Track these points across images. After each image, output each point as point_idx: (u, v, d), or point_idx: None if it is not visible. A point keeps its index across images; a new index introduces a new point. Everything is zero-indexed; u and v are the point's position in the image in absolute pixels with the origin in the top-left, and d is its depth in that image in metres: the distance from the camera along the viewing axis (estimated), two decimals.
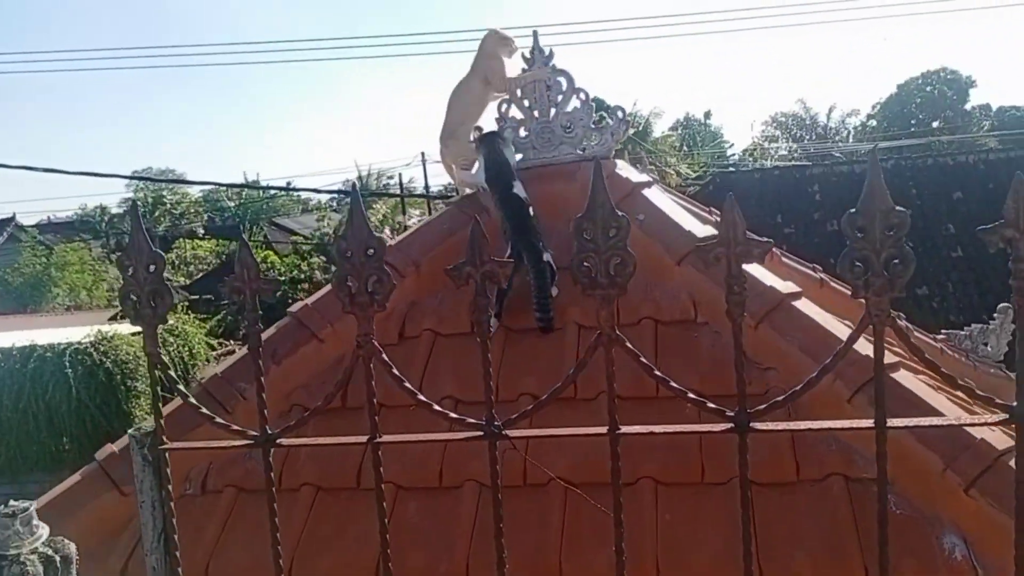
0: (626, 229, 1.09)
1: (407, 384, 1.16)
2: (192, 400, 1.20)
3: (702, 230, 3.11)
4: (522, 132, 3.54)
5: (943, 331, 5.86)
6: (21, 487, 13.15)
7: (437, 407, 1.17)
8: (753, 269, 3.10)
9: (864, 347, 2.54)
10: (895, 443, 1.37)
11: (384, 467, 1.19)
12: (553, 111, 3.49)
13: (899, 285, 1.04)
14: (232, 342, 21.44)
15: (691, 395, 1.12)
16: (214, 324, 22.80)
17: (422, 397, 1.16)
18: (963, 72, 52.59)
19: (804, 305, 2.86)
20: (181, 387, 1.22)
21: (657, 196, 3.35)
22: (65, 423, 12.19)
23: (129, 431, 1.18)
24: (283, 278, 25.66)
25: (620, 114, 3.50)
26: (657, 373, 1.11)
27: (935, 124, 50.85)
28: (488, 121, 3.57)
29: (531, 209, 3.16)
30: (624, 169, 3.45)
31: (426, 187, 29.96)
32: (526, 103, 3.53)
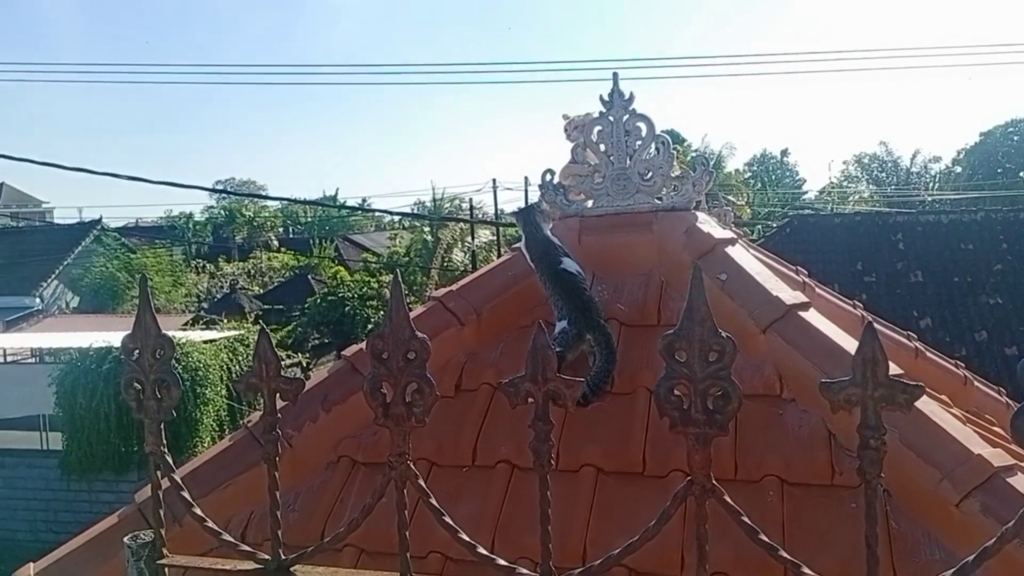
0: (732, 354, 0.86)
1: (447, 519, 0.95)
2: (209, 524, 1.01)
3: (791, 296, 2.82)
4: (597, 178, 3.33)
5: None
6: (90, 484, 13.55)
7: (482, 550, 0.95)
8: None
9: (978, 446, 2.27)
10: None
11: None
12: (630, 159, 3.26)
13: None
14: (300, 355, 21.79)
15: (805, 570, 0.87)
16: (284, 335, 23.26)
17: (465, 537, 0.94)
18: None
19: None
20: (177, 478, 1.03)
21: (741, 255, 3.07)
22: (135, 426, 12.48)
23: (125, 539, 1.01)
24: (352, 294, 26.06)
25: (704, 164, 3.25)
26: (762, 538, 0.87)
27: (1023, 174, 48.47)
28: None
29: (586, 284, 2.95)
30: (705, 223, 3.18)
31: (496, 213, 30.05)
32: (602, 147, 3.31)
